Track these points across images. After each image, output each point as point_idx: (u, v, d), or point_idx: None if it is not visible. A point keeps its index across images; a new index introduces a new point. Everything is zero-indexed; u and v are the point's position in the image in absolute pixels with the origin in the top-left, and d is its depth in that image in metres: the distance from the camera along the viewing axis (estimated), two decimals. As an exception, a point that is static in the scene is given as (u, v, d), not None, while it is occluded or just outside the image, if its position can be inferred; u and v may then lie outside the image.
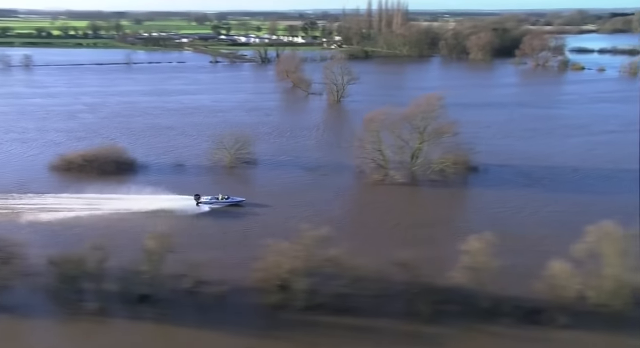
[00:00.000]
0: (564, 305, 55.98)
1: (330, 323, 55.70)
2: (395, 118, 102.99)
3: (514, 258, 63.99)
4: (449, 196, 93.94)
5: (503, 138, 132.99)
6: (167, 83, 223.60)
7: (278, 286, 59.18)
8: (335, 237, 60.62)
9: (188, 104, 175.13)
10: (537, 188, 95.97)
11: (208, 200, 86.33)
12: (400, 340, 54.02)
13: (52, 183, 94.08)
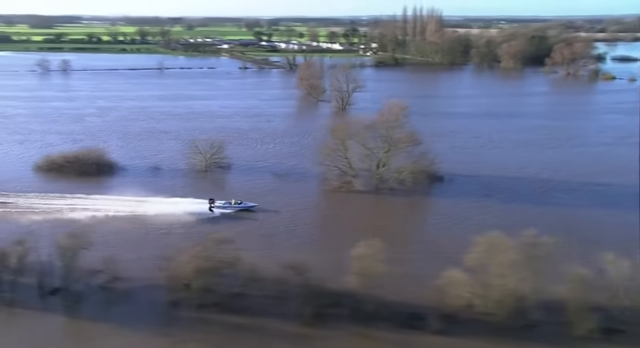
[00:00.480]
0: (448, 312, 57.59)
1: (220, 321, 59.01)
2: (360, 127, 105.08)
3: (419, 265, 65.76)
4: (399, 205, 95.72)
5: (487, 149, 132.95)
6: (186, 88, 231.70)
7: (183, 285, 62.97)
8: (255, 239, 64.14)
9: (196, 109, 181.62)
10: (493, 199, 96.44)
11: (221, 205, 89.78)
12: (282, 340, 56.75)
13: (29, 183, 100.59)
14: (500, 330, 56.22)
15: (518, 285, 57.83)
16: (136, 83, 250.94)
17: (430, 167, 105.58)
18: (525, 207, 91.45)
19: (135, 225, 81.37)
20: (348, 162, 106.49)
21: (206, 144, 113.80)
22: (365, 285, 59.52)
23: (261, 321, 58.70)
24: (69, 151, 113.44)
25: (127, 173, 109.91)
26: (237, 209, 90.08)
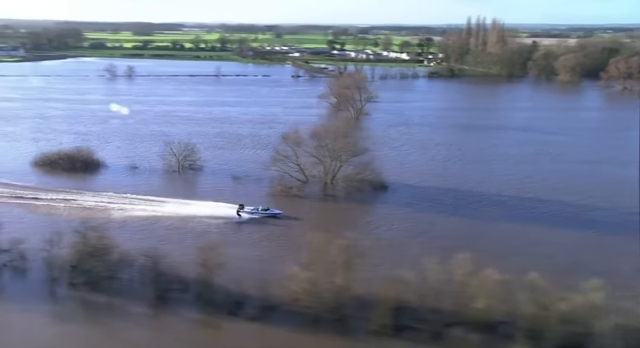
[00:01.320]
0: (273, 304, 65.05)
1: (83, 298, 69.63)
2: (306, 136, 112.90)
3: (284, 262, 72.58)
4: (328, 209, 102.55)
5: (463, 162, 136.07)
6: (224, 95, 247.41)
7: (71, 266, 74.38)
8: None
9: (215, 115, 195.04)
10: (425, 209, 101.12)
11: (249, 211, 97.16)
12: (123, 316, 66.45)
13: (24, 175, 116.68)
14: (312, 321, 62.70)
15: (341, 282, 64.13)
16: (183, 89, 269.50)
17: (376, 177, 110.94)
18: (439, 216, 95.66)
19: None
20: (300, 168, 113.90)
21: (179, 147, 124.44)
22: (210, 275, 67.85)
23: (115, 300, 68.40)
24: (64, 150, 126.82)
25: (108, 171, 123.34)
26: (264, 215, 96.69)
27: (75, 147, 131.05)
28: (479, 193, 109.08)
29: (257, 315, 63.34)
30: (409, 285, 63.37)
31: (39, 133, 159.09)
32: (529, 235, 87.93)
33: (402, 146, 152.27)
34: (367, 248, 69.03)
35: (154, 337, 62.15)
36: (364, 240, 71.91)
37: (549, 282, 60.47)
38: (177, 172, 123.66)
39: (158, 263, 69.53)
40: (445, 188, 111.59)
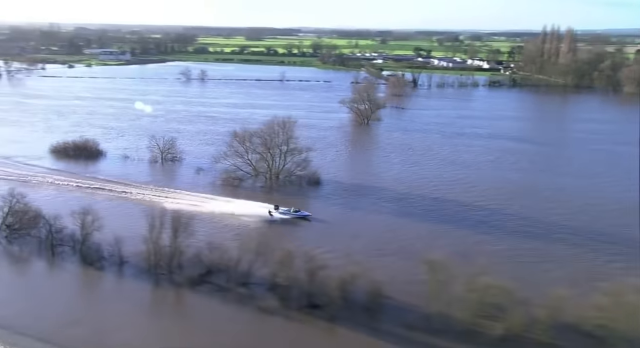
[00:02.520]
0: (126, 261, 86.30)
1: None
2: (249, 135, 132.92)
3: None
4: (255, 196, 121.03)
5: (411, 165, 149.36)
6: (265, 98, 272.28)
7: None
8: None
9: (240, 115, 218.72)
10: (332, 199, 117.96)
11: (282, 211, 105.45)
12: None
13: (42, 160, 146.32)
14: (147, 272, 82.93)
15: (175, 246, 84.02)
16: (237, 92, 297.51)
17: (313, 174, 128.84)
18: (335, 205, 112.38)
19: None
20: (251, 163, 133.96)
21: (162, 141, 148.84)
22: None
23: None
24: (76, 141, 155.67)
25: (105, 159, 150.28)
26: (294, 216, 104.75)
27: (86, 139, 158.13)
28: (392, 191, 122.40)
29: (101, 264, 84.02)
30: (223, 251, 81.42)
31: (76, 126, 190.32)
32: (391, 224, 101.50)
33: (376, 149, 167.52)
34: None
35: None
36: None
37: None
38: (160, 162, 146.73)
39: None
40: (365, 186, 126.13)
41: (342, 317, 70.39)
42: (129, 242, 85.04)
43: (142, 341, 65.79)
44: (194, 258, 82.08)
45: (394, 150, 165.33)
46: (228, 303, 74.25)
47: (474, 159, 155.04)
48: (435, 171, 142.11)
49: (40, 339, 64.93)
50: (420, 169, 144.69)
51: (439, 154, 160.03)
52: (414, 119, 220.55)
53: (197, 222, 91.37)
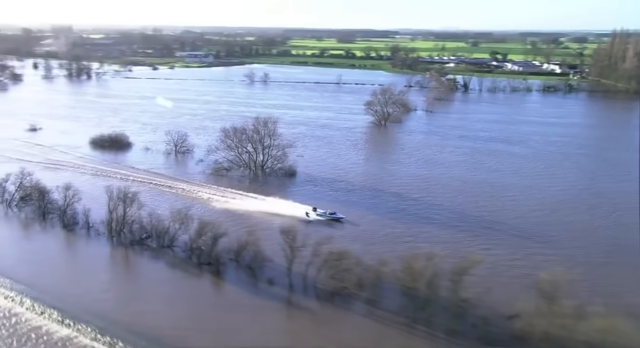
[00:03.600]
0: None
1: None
2: (235, 131, 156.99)
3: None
4: (236, 182, 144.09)
5: (393, 163, 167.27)
6: (309, 100, 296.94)
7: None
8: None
9: (272, 115, 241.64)
10: (296, 187, 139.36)
11: (319, 213, 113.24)
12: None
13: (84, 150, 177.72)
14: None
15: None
16: (287, 93, 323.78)
17: (290, 167, 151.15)
18: (300, 193, 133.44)
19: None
20: (240, 156, 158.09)
21: (177, 135, 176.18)
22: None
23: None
24: (111, 134, 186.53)
25: (130, 149, 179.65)
26: (329, 218, 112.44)
27: (119, 133, 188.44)
28: (346, 182, 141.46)
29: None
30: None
31: (122, 122, 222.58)
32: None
33: (367, 148, 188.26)
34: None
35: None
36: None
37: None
38: (173, 153, 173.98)
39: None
40: (328, 177, 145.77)
41: (228, 272, 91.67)
42: (98, 213, 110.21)
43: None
44: (139, 226, 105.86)
45: (385, 149, 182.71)
46: (152, 259, 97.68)
47: (449, 158, 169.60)
48: (405, 168, 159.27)
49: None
50: (391, 165, 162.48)
51: (422, 153, 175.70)
52: (432, 122, 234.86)
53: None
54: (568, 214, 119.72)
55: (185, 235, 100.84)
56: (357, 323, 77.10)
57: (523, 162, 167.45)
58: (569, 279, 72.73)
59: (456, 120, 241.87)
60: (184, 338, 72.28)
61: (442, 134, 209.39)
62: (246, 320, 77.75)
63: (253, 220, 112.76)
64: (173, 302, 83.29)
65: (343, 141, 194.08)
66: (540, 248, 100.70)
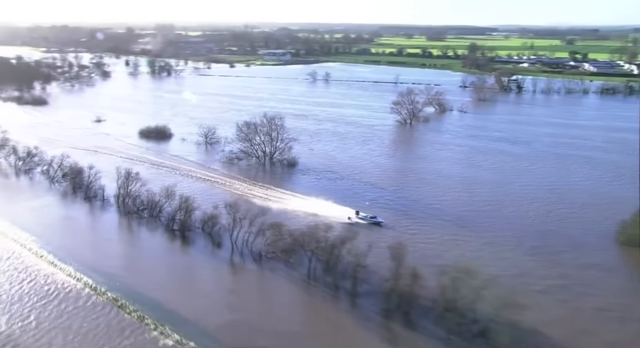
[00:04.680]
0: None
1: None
2: (248, 125, 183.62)
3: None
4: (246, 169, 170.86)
5: (389, 156, 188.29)
6: (353, 99, 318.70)
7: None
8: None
9: (311, 112, 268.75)
10: (292, 175, 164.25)
11: (361, 217, 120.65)
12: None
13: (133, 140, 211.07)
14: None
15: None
16: (338, 92, 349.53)
17: (292, 159, 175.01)
18: (291, 180, 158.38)
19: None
20: (253, 148, 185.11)
21: (206, 128, 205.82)
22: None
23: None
24: (157, 125, 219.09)
25: (170, 139, 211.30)
26: (369, 222, 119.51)
27: (163, 125, 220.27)
28: (340, 173, 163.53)
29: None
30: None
31: (174, 115, 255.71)
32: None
33: (376, 143, 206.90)
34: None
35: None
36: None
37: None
38: (203, 144, 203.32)
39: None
40: (325, 169, 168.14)
41: (193, 237, 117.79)
42: (112, 188, 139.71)
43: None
44: (139, 200, 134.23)
45: (388, 145, 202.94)
46: (141, 224, 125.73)
47: (441, 154, 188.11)
48: (391, 161, 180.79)
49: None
50: (380, 158, 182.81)
51: (421, 149, 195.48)
52: (457, 122, 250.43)
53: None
54: (510, 206, 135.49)
55: (169, 207, 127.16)
56: (272, 278, 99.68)
57: (511, 160, 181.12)
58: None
59: (482, 120, 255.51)
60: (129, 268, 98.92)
61: (457, 133, 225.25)
62: (183, 262, 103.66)
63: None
64: (140, 250, 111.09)
65: (358, 137, 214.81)
66: (461, 232, 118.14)
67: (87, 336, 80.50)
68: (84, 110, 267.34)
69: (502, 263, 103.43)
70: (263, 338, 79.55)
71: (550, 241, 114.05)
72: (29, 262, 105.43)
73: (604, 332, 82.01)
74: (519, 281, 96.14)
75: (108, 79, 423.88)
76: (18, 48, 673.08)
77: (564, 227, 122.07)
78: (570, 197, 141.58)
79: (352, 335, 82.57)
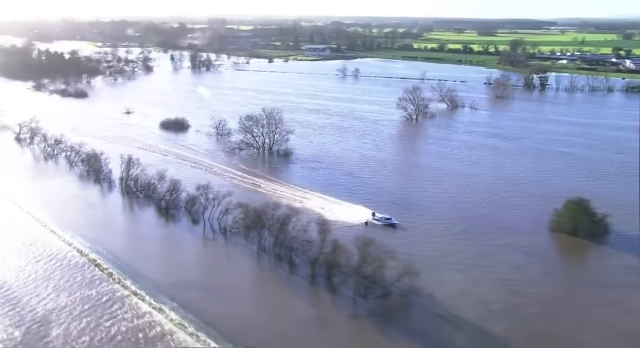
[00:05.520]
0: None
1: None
2: (249, 118, 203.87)
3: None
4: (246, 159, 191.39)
5: (382, 149, 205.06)
6: (371, 95, 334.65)
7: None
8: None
9: (325, 107, 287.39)
10: (282, 164, 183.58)
11: (376, 218, 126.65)
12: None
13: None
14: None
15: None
16: (361, 88, 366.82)
17: (287, 149, 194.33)
18: (282, 164, 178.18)
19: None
20: (254, 139, 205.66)
21: (217, 121, 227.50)
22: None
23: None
24: (176, 117, 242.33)
25: (186, 130, 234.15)
26: (383, 223, 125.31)
27: (183, 117, 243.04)
28: (324, 161, 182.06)
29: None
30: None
31: (196, 108, 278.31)
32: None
33: (372, 137, 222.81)
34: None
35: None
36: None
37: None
38: (215, 135, 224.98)
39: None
40: (315, 159, 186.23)
41: (175, 211, 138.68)
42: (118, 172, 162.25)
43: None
44: (140, 182, 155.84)
45: (383, 139, 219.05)
46: (136, 202, 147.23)
47: (428, 148, 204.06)
48: (384, 154, 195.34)
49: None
50: (364, 149, 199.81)
51: (411, 144, 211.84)
52: (463, 118, 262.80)
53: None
54: (463, 194, 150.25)
55: (161, 189, 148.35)
56: (229, 249, 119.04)
57: (492, 155, 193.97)
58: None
59: (488, 117, 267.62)
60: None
61: (456, 128, 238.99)
62: (159, 234, 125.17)
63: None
64: (126, 222, 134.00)
65: (357, 132, 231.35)
66: (407, 215, 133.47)
67: (65, 286, 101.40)
68: (117, 102, 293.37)
69: (429, 241, 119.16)
70: (201, 292, 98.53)
71: (483, 226, 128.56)
72: (32, 228, 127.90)
73: (482, 293, 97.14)
74: (436, 255, 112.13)
75: (150, 73, 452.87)
76: (77, 43, 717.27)
77: (504, 214, 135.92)
78: (526, 189, 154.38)
79: (277, 293, 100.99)
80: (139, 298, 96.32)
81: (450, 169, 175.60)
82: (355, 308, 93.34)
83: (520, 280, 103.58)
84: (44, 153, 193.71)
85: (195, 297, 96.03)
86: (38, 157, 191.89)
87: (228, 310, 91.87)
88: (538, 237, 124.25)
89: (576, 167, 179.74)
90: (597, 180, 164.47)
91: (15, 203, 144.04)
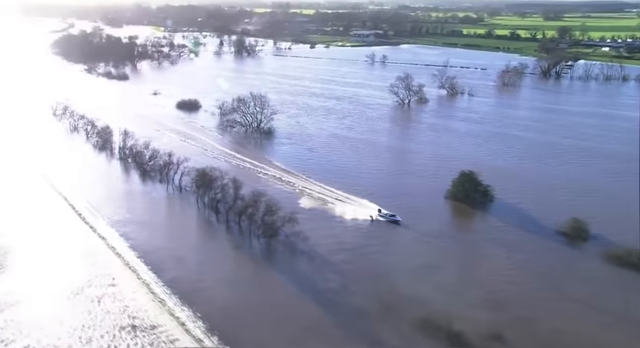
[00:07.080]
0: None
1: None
2: (236, 101, 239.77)
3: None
4: (230, 137, 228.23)
5: (361, 130, 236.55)
6: (382, 81, 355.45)
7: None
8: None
9: (335, 92, 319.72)
10: (269, 142, 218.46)
11: (381, 214, 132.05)
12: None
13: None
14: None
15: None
16: (376, 74, 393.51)
17: (271, 128, 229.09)
18: (269, 143, 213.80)
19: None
20: (245, 118, 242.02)
21: (222, 102, 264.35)
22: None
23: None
24: (190, 98, 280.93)
25: (197, 110, 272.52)
26: (387, 220, 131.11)
27: (196, 98, 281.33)
28: (300, 142, 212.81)
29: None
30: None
31: (213, 91, 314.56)
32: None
33: (353, 119, 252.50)
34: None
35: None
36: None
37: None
38: (218, 115, 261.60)
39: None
40: (290, 133, 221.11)
41: (153, 173, 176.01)
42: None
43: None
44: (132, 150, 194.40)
45: (364, 121, 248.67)
46: (133, 171, 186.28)
47: (400, 130, 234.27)
48: (351, 133, 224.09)
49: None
50: (344, 131, 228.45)
51: (383, 125, 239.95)
52: (454, 104, 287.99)
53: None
54: (394, 166, 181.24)
55: (146, 156, 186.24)
56: (179, 203, 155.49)
57: (449, 136, 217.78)
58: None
59: (477, 104, 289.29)
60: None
61: (437, 113, 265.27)
62: (131, 190, 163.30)
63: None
64: (110, 181, 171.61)
65: (342, 113, 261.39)
66: (331, 182, 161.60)
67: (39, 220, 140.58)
68: (151, 84, 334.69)
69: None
70: (137, 226, 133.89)
71: (390, 193, 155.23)
72: (34, 180, 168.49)
73: (346, 237, 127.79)
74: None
75: (194, 59, 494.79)
76: (143, 28, 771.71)
77: (416, 185, 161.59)
78: (454, 166, 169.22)
79: (193, 231, 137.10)
80: (90, 227, 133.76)
81: (399, 147, 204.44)
82: (244, 242, 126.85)
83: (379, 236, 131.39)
84: (70, 127, 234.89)
85: (131, 229, 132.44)
86: (64, 131, 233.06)
87: (148, 239, 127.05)
88: (429, 202, 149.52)
89: (515, 148, 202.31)
90: (522, 160, 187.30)
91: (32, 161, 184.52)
